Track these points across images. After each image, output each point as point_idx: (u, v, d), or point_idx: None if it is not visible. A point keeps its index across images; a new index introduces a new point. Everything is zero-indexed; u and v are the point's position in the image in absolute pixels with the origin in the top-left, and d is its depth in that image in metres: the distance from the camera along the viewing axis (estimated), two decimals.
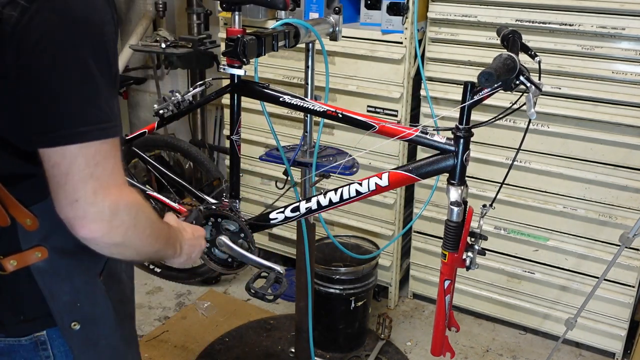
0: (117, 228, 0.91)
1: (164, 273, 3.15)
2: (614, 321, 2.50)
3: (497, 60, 1.25)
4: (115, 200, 0.90)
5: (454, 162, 1.35)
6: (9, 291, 1.00)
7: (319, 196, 1.54)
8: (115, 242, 0.93)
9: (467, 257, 1.38)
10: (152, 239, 1.01)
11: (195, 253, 1.26)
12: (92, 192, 0.88)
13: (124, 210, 0.92)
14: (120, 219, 0.91)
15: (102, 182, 0.88)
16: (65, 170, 0.87)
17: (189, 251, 1.22)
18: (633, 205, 2.33)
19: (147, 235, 0.99)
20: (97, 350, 1.09)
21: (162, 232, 1.06)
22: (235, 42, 1.45)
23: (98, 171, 0.88)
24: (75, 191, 0.87)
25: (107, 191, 0.89)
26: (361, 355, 2.58)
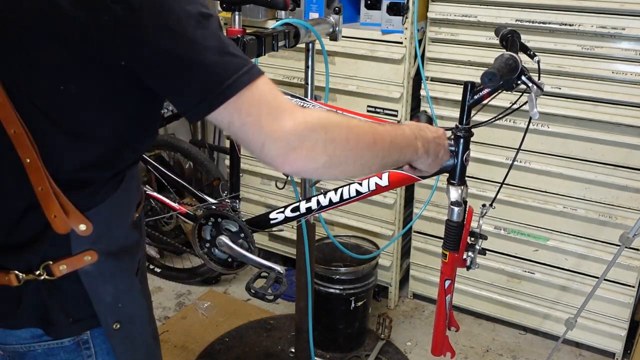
0: (314, 149, 0.88)
1: (164, 273, 3.15)
2: (614, 321, 2.50)
3: (499, 61, 1.25)
4: (294, 125, 0.86)
5: (454, 162, 1.35)
6: (58, 293, 0.99)
7: (319, 196, 1.54)
8: (324, 163, 0.89)
9: (467, 257, 1.38)
10: (365, 145, 0.95)
11: (442, 152, 1.20)
12: (269, 130, 0.85)
13: (310, 130, 0.87)
14: (311, 140, 0.87)
15: (273, 116, 0.86)
16: (240, 123, 0.86)
17: (435, 150, 1.17)
18: (633, 205, 2.33)
19: (355, 143, 0.93)
20: (134, 348, 1.10)
21: (378, 135, 0.99)
22: (235, 42, 1.44)
23: (263, 109, 0.86)
24: (258, 137, 0.86)
25: (282, 122, 0.86)
26: (361, 355, 2.58)
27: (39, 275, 0.96)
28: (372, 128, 0.99)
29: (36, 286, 0.97)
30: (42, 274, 0.96)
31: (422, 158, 1.14)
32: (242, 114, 0.86)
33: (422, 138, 1.12)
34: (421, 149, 1.11)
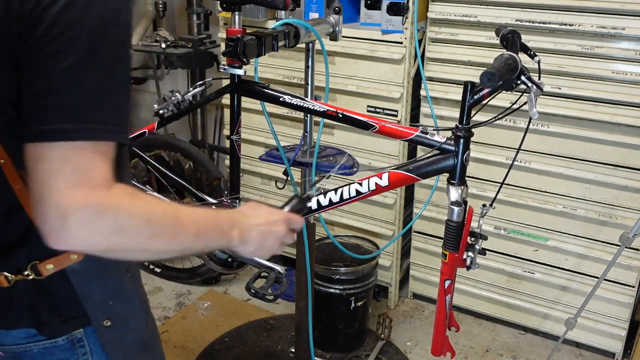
0: (94, 235, 0.82)
1: (164, 273, 3.15)
2: (614, 321, 2.50)
3: (499, 61, 1.25)
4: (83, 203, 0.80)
5: (454, 162, 1.35)
6: (47, 293, 1.00)
7: (319, 196, 1.54)
8: (103, 249, 0.85)
9: (467, 257, 1.38)
10: (160, 239, 0.90)
11: (269, 241, 1.13)
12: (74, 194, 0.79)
13: (97, 215, 0.81)
14: (94, 226, 0.81)
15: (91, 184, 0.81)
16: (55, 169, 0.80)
17: (260, 239, 1.11)
18: (633, 205, 2.33)
19: (148, 237, 0.88)
20: (127, 345, 1.10)
21: (179, 227, 0.93)
22: (235, 42, 1.45)
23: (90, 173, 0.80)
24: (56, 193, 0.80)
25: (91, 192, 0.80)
26: (361, 355, 2.58)
27: (27, 276, 0.96)
28: (175, 220, 0.92)
29: (25, 286, 0.98)
30: (30, 274, 0.96)
31: (240, 247, 1.08)
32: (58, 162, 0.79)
33: (242, 228, 1.06)
34: (236, 239, 1.05)
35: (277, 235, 1.15)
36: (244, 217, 1.09)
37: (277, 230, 1.15)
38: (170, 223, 0.92)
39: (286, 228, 1.18)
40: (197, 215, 0.97)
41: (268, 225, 1.13)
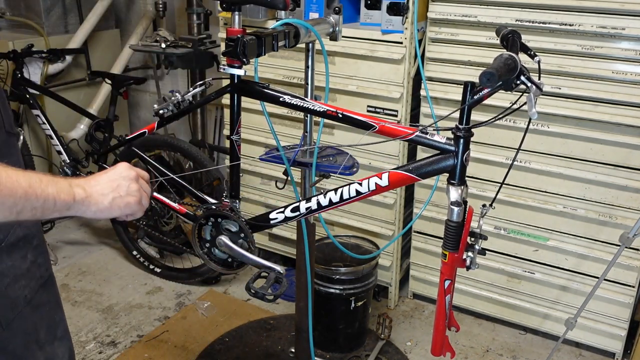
0: None
1: (164, 273, 3.15)
2: (614, 321, 2.50)
3: (498, 60, 1.25)
4: None
5: (454, 162, 1.36)
6: None
7: (319, 196, 1.54)
8: None
9: (467, 257, 1.38)
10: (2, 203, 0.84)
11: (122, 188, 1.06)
12: None
13: None
14: None
15: None
16: None
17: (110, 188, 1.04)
18: (633, 205, 2.33)
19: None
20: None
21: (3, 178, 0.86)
22: (235, 42, 1.45)
23: None
24: None
25: None
26: (361, 355, 2.58)
27: None
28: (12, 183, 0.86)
29: None
30: None
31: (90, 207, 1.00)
32: None
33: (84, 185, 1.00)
34: (81, 196, 0.98)
35: (129, 177, 1.08)
36: (84, 179, 1.03)
37: (126, 174, 1.08)
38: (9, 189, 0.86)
39: (135, 171, 1.11)
40: (28, 173, 0.91)
41: (112, 174, 1.06)
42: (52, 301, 1.23)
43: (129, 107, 4.22)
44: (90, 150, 2.97)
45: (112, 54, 3.86)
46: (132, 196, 1.07)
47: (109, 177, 1.06)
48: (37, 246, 1.16)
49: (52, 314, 1.23)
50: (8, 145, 1.09)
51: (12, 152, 1.11)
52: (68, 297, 2.98)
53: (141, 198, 1.10)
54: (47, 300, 1.20)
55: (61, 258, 3.32)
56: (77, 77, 3.74)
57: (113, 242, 3.47)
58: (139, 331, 2.73)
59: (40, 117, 3.12)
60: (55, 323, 1.24)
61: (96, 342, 2.65)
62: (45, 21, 3.57)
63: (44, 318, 1.20)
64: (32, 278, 1.14)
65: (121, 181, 1.07)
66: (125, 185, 1.07)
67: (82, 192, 0.99)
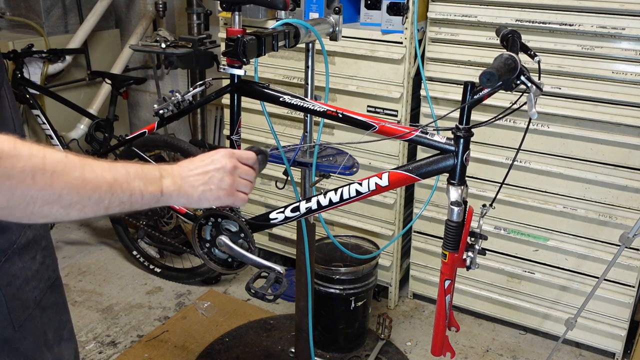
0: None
1: (164, 273, 3.15)
2: (614, 321, 2.50)
3: (498, 60, 1.25)
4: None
5: (454, 162, 1.36)
6: None
7: (319, 196, 1.54)
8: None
9: (467, 257, 1.38)
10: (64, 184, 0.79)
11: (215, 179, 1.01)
12: None
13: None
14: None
15: None
16: None
17: (202, 180, 1.00)
18: (633, 205, 2.33)
19: (48, 180, 0.76)
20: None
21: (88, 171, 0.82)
22: (235, 42, 1.44)
23: None
24: None
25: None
26: (361, 355, 2.58)
27: None
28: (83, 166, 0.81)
29: None
30: None
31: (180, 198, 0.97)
32: None
33: (174, 175, 0.96)
34: (171, 187, 0.95)
35: (224, 169, 1.03)
36: (177, 166, 0.99)
37: (220, 165, 1.02)
38: (74, 169, 0.80)
39: (233, 161, 1.05)
40: (114, 165, 0.87)
41: (206, 164, 1.01)
42: (59, 302, 1.23)
43: (129, 107, 4.22)
44: (90, 150, 2.98)
45: (112, 54, 3.86)
46: (222, 190, 1.02)
47: (203, 167, 1.01)
48: (45, 247, 1.16)
49: (59, 316, 1.23)
50: None
51: None
52: (68, 297, 2.97)
53: (234, 191, 1.04)
54: (55, 302, 1.20)
55: (61, 258, 3.32)
56: (77, 77, 3.74)
57: (113, 242, 3.47)
58: (139, 331, 2.73)
59: (40, 117, 3.12)
60: (62, 324, 1.24)
61: (96, 342, 2.65)
62: (45, 21, 3.57)
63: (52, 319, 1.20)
64: (41, 279, 1.14)
65: (214, 173, 1.01)
66: (218, 178, 1.02)
67: (171, 185, 0.95)
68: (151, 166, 0.94)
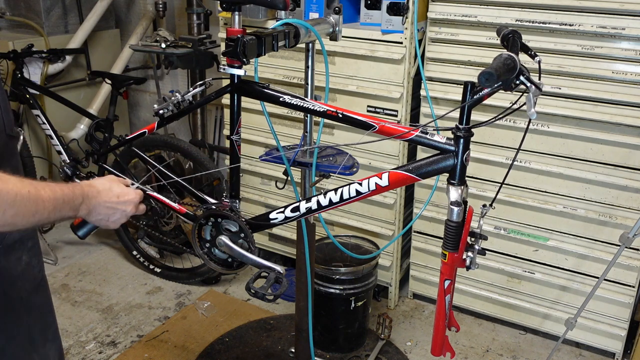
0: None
1: (164, 273, 3.15)
2: (614, 321, 2.50)
3: (497, 60, 1.25)
4: None
5: (454, 162, 1.36)
6: None
7: (319, 196, 1.54)
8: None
9: (467, 257, 1.38)
10: (23, 215, 0.97)
11: (115, 216, 1.23)
12: None
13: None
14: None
15: None
16: None
17: (107, 212, 1.21)
18: (633, 205, 2.33)
19: (12, 214, 0.95)
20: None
21: (39, 204, 1.01)
22: (235, 42, 1.45)
23: None
24: None
25: None
26: (361, 355, 2.58)
27: None
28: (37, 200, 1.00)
29: None
30: None
31: (87, 217, 1.18)
32: None
33: (90, 203, 1.16)
34: (83, 212, 1.14)
35: (123, 213, 1.25)
36: (96, 194, 1.18)
37: (124, 209, 1.25)
38: (33, 203, 0.99)
39: (133, 209, 1.28)
40: (56, 194, 1.05)
41: (116, 204, 1.23)
42: (45, 303, 1.24)
43: (129, 107, 4.22)
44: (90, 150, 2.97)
45: (112, 54, 3.86)
46: (113, 222, 1.24)
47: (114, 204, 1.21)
48: (31, 248, 1.18)
49: (45, 316, 1.24)
50: (9, 148, 1.11)
51: (13, 155, 1.14)
52: (68, 297, 2.98)
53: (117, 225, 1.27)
54: (41, 302, 1.22)
55: (61, 258, 3.32)
56: (77, 77, 3.74)
57: (113, 242, 3.47)
58: (139, 331, 2.73)
59: (40, 117, 3.12)
60: (48, 325, 1.25)
61: (96, 342, 2.65)
62: (45, 21, 3.57)
63: (37, 320, 1.21)
64: (27, 280, 1.17)
65: (118, 212, 1.23)
66: (116, 217, 1.23)
67: (84, 210, 1.14)
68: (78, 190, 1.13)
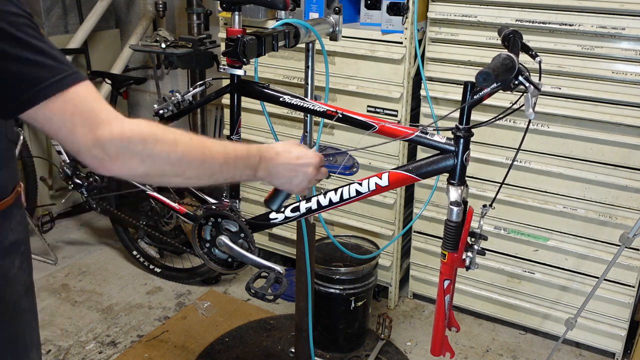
0: (130, 160, 0.91)
1: (164, 273, 3.15)
2: (614, 321, 2.50)
3: (496, 60, 1.25)
4: (109, 136, 0.89)
5: (454, 162, 1.36)
6: None
7: (319, 196, 1.54)
8: (142, 173, 0.94)
9: (466, 257, 1.38)
10: (190, 162, 0.99)
11: (298, 179, 1.22)
12: (83, 140, 0.89)
13: (127, 141, 0.91)
14: (127, 152, 0.91)
15: (89, 127, 0.89)
16: (55, 128, 0.90)
17: (288, 175, 1.21)
18: (633, 205, 2.33)
19: (178, 160, 0.97)
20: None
21: (208, 154, 1.02)
22: (235, 42, 1.45)
23: (77, 118, 0.89)
24: (72, 144, 0.90)
25: (97, 132, 0.89)
26: (361, 355, 2.58)
27: None
28: (202, 147, 1.02)
29: None
30: None
31: (267, 180, 1.19)
32: (54, 120, 0.89)
33: (268, 164, 1.16)
34: (262, 173, 1.15)
35: (305, 175, 1.23)
36: (275, 155, 1.18)
37: (306, 171, 1.23)
38: (197, 149, 1.01)
39: (314, 171, 1.25)
40: (226, 146, 1.07)
41: (296, 165, 1.22)
42: (32, 308, 1.26)
43: (129, 107, 4.22)
44: None
45: (112, 54, 3.86)
46: (297, 187, 1.24)
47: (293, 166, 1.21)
48: (23, 252, 1.20)
49: (32, 321, 1.26)
50: (9, 152, 1.11)
51: (12, 159, 1.14)
52: (68, 297, 2.98)
53: (302, 189, 1.26)
54: (29, 307, 1.23)
55: (61, 258, 3.32)
56: None
57: (113, 242, 3.47)
58: (139, 331, 2.73)
59: None
60: (33, 329, 1.27)
61: (96, 342, 2.65)
62: (45, 21, 3.57)
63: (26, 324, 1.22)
64: (18, 283, 1.18)
65: (299, 173, 1.22)
66: (299, 179, 1.23)
67: (263, 172, 1.16)
68: (254, 149, 1.13)
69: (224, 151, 1.06)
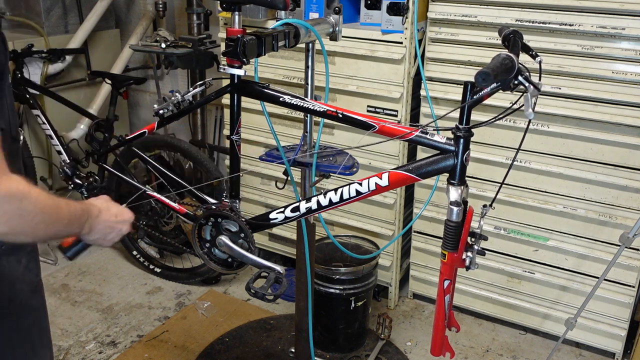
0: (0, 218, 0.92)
1: (164, 273, 3.15)
2: (614, 321, 2.50)
3: (495, 60, 1.25)
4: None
5: (454, 162, 1.36)
6: None
7: (319, 196, 1.54)
8: (1, 232, 0.94)
9: (466, 257, 1.38)
10: (45, 225, 1.01)
11: (112, 235, 1.28)
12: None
13: (6, 199, 0.91)
14: (2, 209, 0.91)
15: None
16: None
17: (105, 231, 1.25)
18: (633, 205, 2.33)
19: (38, 222, 0.98)
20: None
21: (59, 215, 1.05)
22: (235, 42, 1.45)
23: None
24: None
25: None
26: (361, 355, 2.58)
27: None
28: (58, 212, 1.05)
29: None
30: None
31: (84, 236, 1.22)
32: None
33: (92, 222, 1.20)
34: (86, 230, 1.19)
35: (120, 232, 1.30)
36: (98, 212, 1.23)
37: (121, 228, 1.30)
38: (55, 213, 1.04)
39: (128, 228, 1.34)
40: (70, 208, 1.10)
41: (115, 222, 1.28)
42: (41, 307, 1.26)
43: (129, 107, 4.22)
44: (90, 150, 2.97)
45: (112, 54, 3.86)
46: (107, 241, 1.28)
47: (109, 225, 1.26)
48: (30, 251, 1.20)
49: (41, 321, 1.26)
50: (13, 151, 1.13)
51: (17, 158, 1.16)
52: (68, 297, 2.98)
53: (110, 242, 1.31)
54: (38, 306, 1.24)
55: (61, 258, 3.32)
56: (77, 77, 3.74)
57: None
58: (139, 331, 2.73)
59: (40, 117, 3.11)
60: (43, 329, 1.27)
61: (96, 342, 2.65)
62: (45, 21, 3.57)
63: (35, 324, 1.22)
64: (25, 282, 1.19)
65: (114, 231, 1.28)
66: (112, 236, 1.28)
67: (87, 228, 1.18)
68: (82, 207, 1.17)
69: (68, 214, 1.08)
